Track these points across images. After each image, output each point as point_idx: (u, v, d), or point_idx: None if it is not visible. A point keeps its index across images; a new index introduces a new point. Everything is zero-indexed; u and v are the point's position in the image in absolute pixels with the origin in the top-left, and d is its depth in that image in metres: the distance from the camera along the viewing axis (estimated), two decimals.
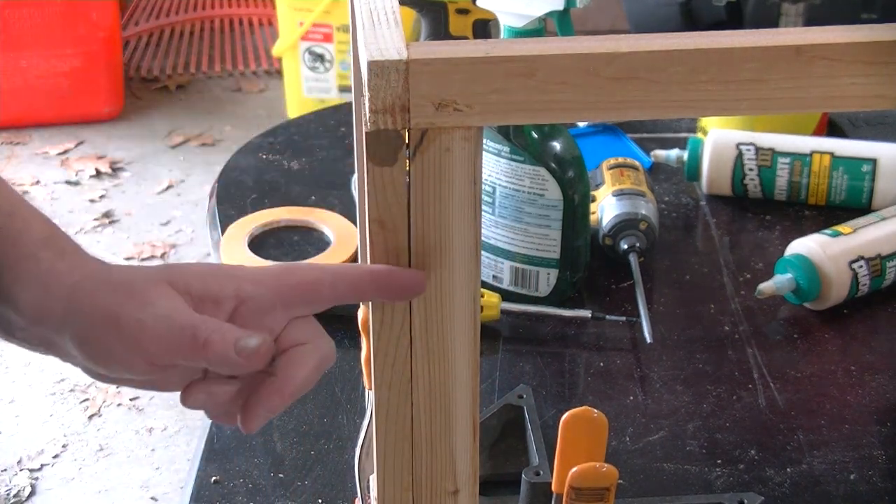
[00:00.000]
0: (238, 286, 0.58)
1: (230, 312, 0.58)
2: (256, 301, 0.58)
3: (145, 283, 0.57)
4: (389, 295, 0.55)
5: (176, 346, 0.56)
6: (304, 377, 0.59)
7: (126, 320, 0.56)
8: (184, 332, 0.56)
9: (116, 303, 0.56)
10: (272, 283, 0.59)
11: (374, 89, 0.52)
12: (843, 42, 0.53)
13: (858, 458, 0.93)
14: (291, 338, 0.59)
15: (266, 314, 0.58)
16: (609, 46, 0.53)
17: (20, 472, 2.06)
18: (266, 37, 3.58)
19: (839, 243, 1.10)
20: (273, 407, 0.58)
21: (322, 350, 0.60)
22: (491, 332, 1.07)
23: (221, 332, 0.56)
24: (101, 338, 0.57)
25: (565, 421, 0.68)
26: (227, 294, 0.58)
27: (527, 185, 1.05)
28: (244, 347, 0.56)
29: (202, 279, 0.58)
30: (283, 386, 0.58)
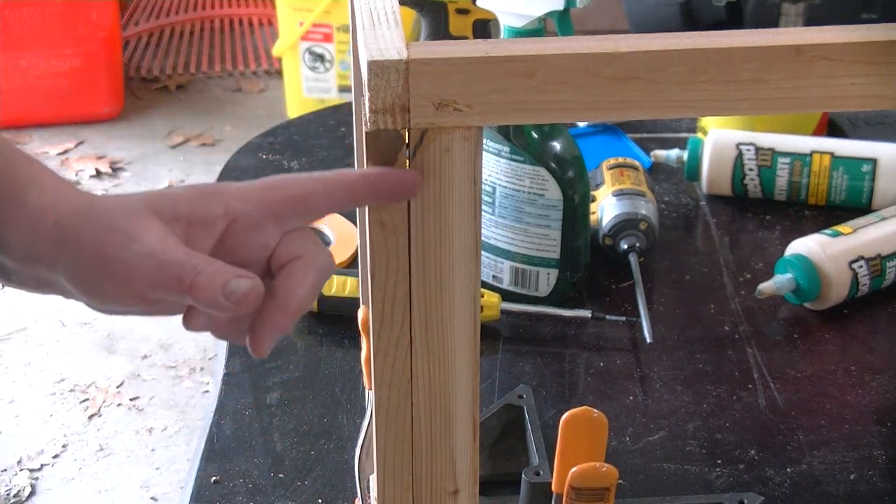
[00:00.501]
0: (227, 205, 0.57)
1: (221, 233, 0.57)
2: (247, 218, 0.57)
3: (130, 216, 0.56)
4: (384, 196, 0.54)
5: (163, 285, 0.55)
6: (304, 293, 0.57)
7: (111, 259, 0.55)
8: (170, 271, 0.55)
9: (101, 240, 0.55)
10: (261, 197, 0.57)
11: (374, 89, 0.52)
12: (843, 42, 0.53)
13: (858, 458, 0.93)
14: (287, 252, 0.58)
15: (258, 230, 0.57)
16: (609, 46, 0.53)
17: (20, 472, 2.05)
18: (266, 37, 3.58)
19: (839, 243, 1.10)
20: (279, 327, 0.57)
21: (319, 262, 0.58)
22: (491, 332, 1.07)
23: (209, 273, 0.54)
24: (90, 275, 0.56)
25: (565, 421, 0.68)
26: (216, 214, 0.57)
27: (527, 185, 1.05)
28: (233, 292, 0.54)
29: (189, 203, 0.57)
30: (286, 304, 0.57)
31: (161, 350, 2.34)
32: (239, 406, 0.99)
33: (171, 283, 0.55)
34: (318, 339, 1.07)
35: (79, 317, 2.43)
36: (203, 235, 0.57)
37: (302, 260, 0.58)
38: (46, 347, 2.36)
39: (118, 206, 0.57)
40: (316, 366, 1.03)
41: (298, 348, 1.06)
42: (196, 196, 0.57)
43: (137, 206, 0.56)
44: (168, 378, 2.27)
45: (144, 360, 2.32)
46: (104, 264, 0.55)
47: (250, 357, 1.04)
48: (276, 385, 1.01)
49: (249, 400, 0.99)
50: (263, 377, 1.02)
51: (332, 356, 1.05)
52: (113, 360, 2.32)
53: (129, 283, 0.55)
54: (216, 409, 0.98)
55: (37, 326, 2.42)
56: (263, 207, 0.57)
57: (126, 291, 0.56)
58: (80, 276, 0.56)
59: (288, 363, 1.04)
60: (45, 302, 2.47)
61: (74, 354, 2.34)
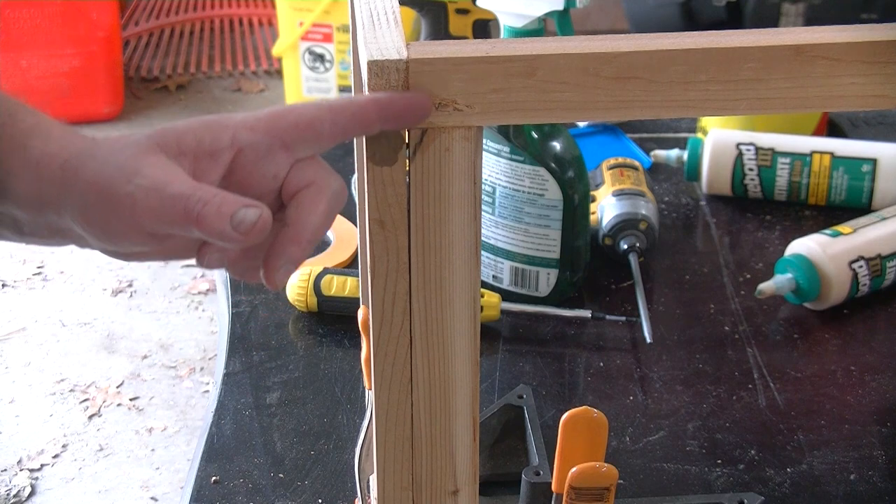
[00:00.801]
0: (233, 135, 0.56)
1: (228, 163, 0.56)
2: (254, 147, 0.56)
3: (134, 152, 0.55)
4: (395, 121, 0.53)
5: (169, 218, 0.54)
6: (317, 221, 0.56)
7: (117, 195, 0.54)
8: (175, 204, 0.54)
9: (106, 177, 0.55)
10: (268, 126, 0.56)
11: (374, 89, 0.52)
12: (843, 42, 0.53)
13: (858, 458, 0.93)
14: (298, 180, 0.57)
15: (266, 159, 0.56)
16: (609, 46, 0.53)
17: (20, 472, 2.05)
18: (266, 37, 3.58)
19: (839, 243, 1.10)
20: (293, 257, 0.56)
21: (331, 188, 0.57)
22: (491, 332, 1.07)
23: (215, 203, 0.53)
24: (98, 214, 0.55)
25: (565, 421, 0.68)
26: (223, 145, 0.56)
27: (527, 185, 1.05)
28: (241, 221, 0.53)
29: (194, 135, 0.56)
30: (299, 234, 0.56)
31: (161, 350, 2.34)
32: (239, 406, 0.99)
33: (178, 217, 0.54)
34: (318, 339, 1.07)
35: (79, 317, 2.43)
36: (210, 167, 0.56)
37: (313, 187, 0.57)
38: (46, 347, 2.36)
39: (122, 143, 0.56)
40: (316, 366, 1.03)
41: (298, 348, 1.06)
42: (201, 128, 0.56)
43: (141, 142, 0.56)
44: (168, 378, 2.27)
45: (144, 360, 2.32)
46: (109, 201, 0.54)
47: (250, 357, 1.04)
48: (276, 385, 1.01)
49: (249, 400, 0.99)
50: (263, 377, 1.02)
51: (332, 356, 1.05)
52: (113, 360, 2.32)
53: (135, 218, 0.54)
54: (216, 409, 0.98)
55: (37, 326, 2.42)
56: (271, 136, 0.56)
57: (133, 227, 0.55)
58: (88, 216, 0.55)
59: (288, 363, 1.04)
60: (45, 302, 2.47)
61: (74, 354, 2.34)
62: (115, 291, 2.50)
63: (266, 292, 1.12)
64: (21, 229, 0.58)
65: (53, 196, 0.56)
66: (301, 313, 1.10)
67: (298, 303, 1.09)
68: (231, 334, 1.07)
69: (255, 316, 1.10)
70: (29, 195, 0.56)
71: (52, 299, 2.49)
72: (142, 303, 2.46)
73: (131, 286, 2.52)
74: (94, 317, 2.43)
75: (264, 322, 1.09)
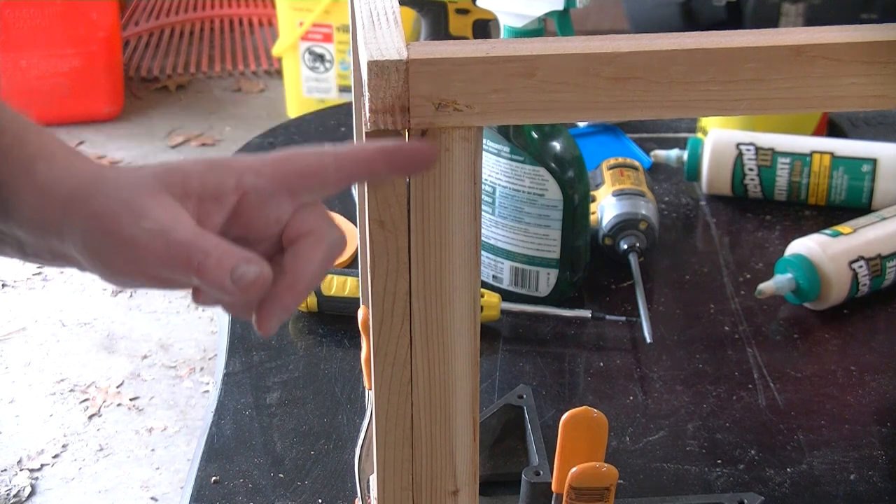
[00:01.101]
0: (238, 179, 0.56)
1: (233, 206, 0.56)
2: (259, 192, 0.56)
3: (140, 191, 0.55)
4: (400, 169, 0.54)
5: (171, 264, 0.54)
6: (313, 271, 0.56)
7: (121, 235, 0.54)
8: (178, 251, 0.54)
9: (111, 213, 0.55)
10: (273, 171, 0.56)
11: (374, 89, 0.52)
12: (843, 42, 0.53)
13: (858, 458, 0.93)
14: (299, 227, 0.57)
15: (270, 204, 0.56)
16: (609, 46, 0.53)
17: (20, 472, 2.05)
18: (266, 37, 3.58)
19: (839, 243, 1.10)
20: (287, 306, 0.56)
21: (329, 239, 0.57)
22: (491, 332, 1.07)
23: (217, 256, 0.54)
24: (101, 249, 0.55)
25: (565, 421, 0.68)
26: (228, 188, 0.56)
27: (527, 185, 1.05)
28: (241, 277, 0.54)
29: (200, 177, 0.56)
30: (295, 283, 0.56)
31: (161, 350, 2.34)
32: (239, 406, 0.99)
33: (179, 264, 0.54)
34: (318, 339, 1.07)
35: (79, 317, 2.43)
36: (215, 210, 0.56)
37: (312, 237, 0.57)
38: (46, 347, 2.36)
39: (129, 178, 0.56)
40: (316, 366, 1.03)
41: (298, 348, 1.06)
42: (207, 170, 0.57)
43: (148, 180, 0.56)
44: (168, 378, 2.27)
45: (144, 360, 2.32)
46: (113, 239, 0.55)
47: (250, 357, 1.04)
48: (276, 385, 1.01)
49: (249, 400, 0.99)
50: (263, 377, 1.02)
51: (332, 356, 1.05)
52: (113, 360, 2.32)
53: (138, 260, 0.54)
54: (216, 409, 0.98)
55: (37, 326, 2.42)
56: (276, 181, 0.56)
57: (135, 267, 0.55)
58: (90, 249, 0.56)
59: (288, 363, 1.04)
60: (45, 302, 2.47)
61: (74, 354, 2.34)
62: (115, 291, 2.50)
63: None
64: (24, 250, 0.58)
65: (57, 223, 0.56)
66: (301, 313, 1.10)
67: None
68: (231, 334, 1.07)
69: None
70: (33, 218, 0.56)
71: (52, 299, 2.49)
72: (142, 303, 2.46)
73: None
74: (94, 317, 2.43)
75: None
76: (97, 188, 0.56)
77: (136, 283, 0.57)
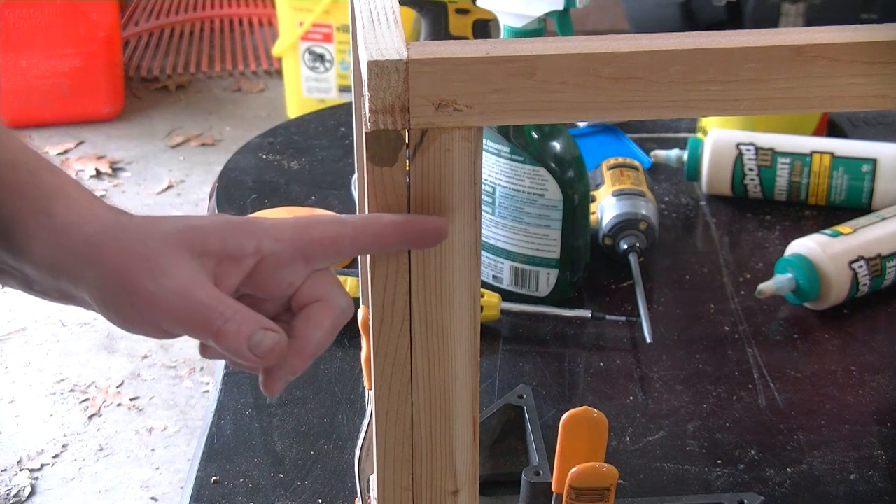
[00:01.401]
0: (258, 243, 0.57)
1: (250, 269, 0.57)
2: (277, 257, 0.57)
3: (160, 246, 0.56)
4: (413, 243, 0.55)
5: (188, 325, 0.55)
6: (322, 337, 0.58)
7: (138, 289, 0.55)
8: (197, 313, 0.55)
9: (128, 266, 0.55)
10: (292, 237, 0.57)
11: (374, 89, 0.52)
12: (843, 42, 0.53)
13: (858, 458, 0.93)
14: (311, 292, 0.58)
15: (286, 269, 0.57)
16: (609, 46, 0.53)
17: (20, 472, 2.06)
18: (266, 37, 3.58)
19: (839, 243, 1.10)
20: (294, 370, 0.57)
21: (338, 307, 0.59)
22: (491, 332, 1.07)
23: (236, 321, 0.55)
24: (116, 300, 0.56)
25: (565, 421, 0.68)
26: (247, 251, 0.57)
27: (527, 185, 1.05)
28: (258, 345, 0.55)
29: (220, 238, 0.57)
30: (303, 348, 0.57)
31: (161, 350, 2.34)
32: (239, 406, 0.99)
33: (197, 326, 0.55)
34: None
35: (79, 317, 2.43)
36: (232, 271, 0.57)
37: (322, 303, 0.58)
38: (46, 347, 2.36)
39: (149, 231, 0.56)
40: (316, 366, 1.03)
41: None
42: (228, 231, 0.57)
43: (169, 236, 0.56)
44: (168, 378, 2.27)
45: (144, 360, 2.32)
46: (130, 292, 0.55)
47: None
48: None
49: (249, 400, 0.99)
50: None
51: (332, 356, 1.05)
52: (113, 360, 2.32)
53: (153, 315, 0.55)
54: (216, 409, 0.98)
55: (37, 326, 2.42)
56: (294, 248, 0.57)
57: (149, 322, 0.56)
58: (104, 298, 0.56)
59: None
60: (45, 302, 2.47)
61: (74, 354, 2.34)
62: None
63: None
64: (31, 286, 0.59)
65: (71, 268, 0.56)
66: None
67: None
68: None
69: None
70: (46, 261, 0.56)
71: None
72: None
73: None
74: (94, 317, 2.43)
75: None
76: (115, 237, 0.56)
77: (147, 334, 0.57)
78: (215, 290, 0.56)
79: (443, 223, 0.55)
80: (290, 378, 0.58)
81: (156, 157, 3.10)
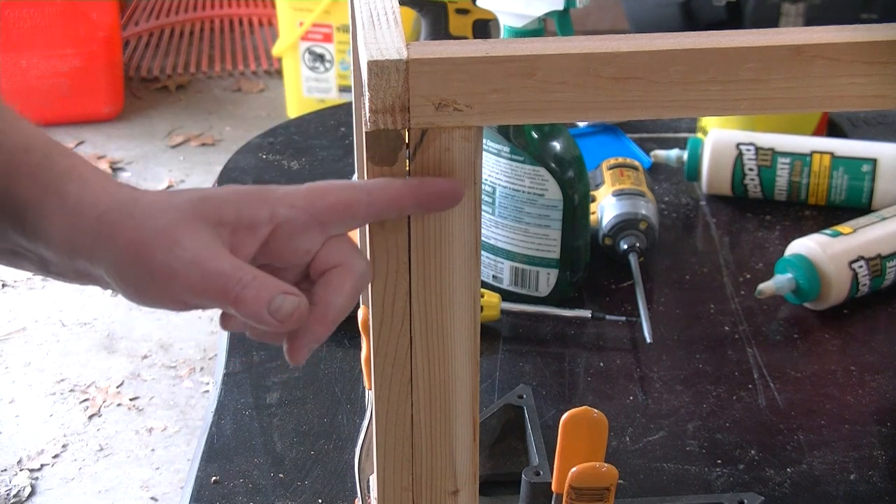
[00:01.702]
0: (272, 210, 0.57)
1: (265, 237, 0.57)
2: (291, 223, 0.57)
3: (174, 218, 0.55)
4: (429, 206, 0.55)
5: (206, 294, 0.55)
6: (343, 302, 0.57)
7: (154, 263, 0.55)
8: (215, 282, 0.54)
9: (144, 241, 0.55)
10: (307, 204, 0.57)
11: (374, 89, 0.52)
12: (843, 42, 0.53)
13: (858, 458, 0.93)
14: (328, 258, 0.58)
15: (302, 235, 0.57)
16: (609, 46, 0.53)
17: (20, 472, 2.05)
18: (266, 37, 3.58)
19: (839, 243, 1.10)
20: (317, 336, 0.57)
21: (358, 270, 0.58)
22: (491, 332, 1.07)
23: (255, 287, 0.54)
24: (133, 275, 0.55)
25: (565, 421, 0.68)
26: (262, 219, 0.57)
27: (527, 185, 1.05)
28: (278, 309, 0.54)
29: (235, 207, 0.57)
30: (325, 314, 0.57)
31: (161, 350, 2.34)
32: (239, 406, 0.99)
33: (216, 294, 0.55)
34: None
35: (79, 317, 2.43)
36: (248, 239, 0.57)
37: (341, 268, 0.58)
38: (46, 347, 2.36)
39: (163, 206, 0.56)
40: (316, 366, 1.03)
41: None
42: (242, 200, 0.57)
43: (183, 209, 0.56)
44: (168, 378, 2.27)
45: (144, 360, 2.32)
46: (146, 266, 0.55)
47: (250, 357, 1.04)
48: (276, 385, 1.01)
49: (249, 400, 0.99)
50: (263, 377, 1.02)
51: (332, 356, 1.05)
52: (113, 360, 2.32)
53: (172, 288, 0.55)
54: (216, 409, 0.98)
55: (37, 326, 2.42)
56: (309, 214, 0.57)
57: (167, 295, 0.55)
58: (122, 274, 0.56)
59: (288, 363, 1.03)
60: (45, 302, 2.47)
61: (74, 354, 2.34)
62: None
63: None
64: (48, 268, 0.58)
65: (87, 246, 0.56)
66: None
67: None
68: (231, 334, 1.07)
69: None
70: (62, 241, 0.56)
71: (52, 299, 2.49)
72: None
73: None
74: (94, 317, 2.43)
75: None
76: (129, 213, 0.56)
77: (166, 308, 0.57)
78: (232, 258, 0.56)
79: (457, 184, 0.55)
80: (315, 345, 0.57)
81: (156, 157, 3.10)
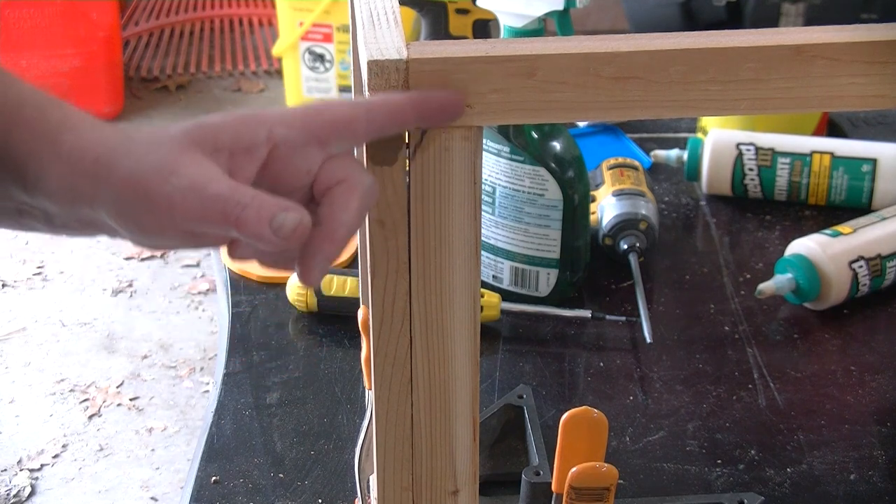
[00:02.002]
0: (269, 130, 0.56)
1: (264, 158, 0.56)
2: (289, 143, 0.56)
3: (170, 149, 0.55)
4: (430, 119, 0.54)
5: (207, 219, 0.54)
6: (350, 218, 0.56)
7: (154, 195, 0.54)
8: (214, 205, 0.54)
9: (141, 176, 0.54)
10: (304, 122, 0.56)
11: (375, 89, 0.52)
12: (843, 42, 0.53)
13: (858, 458, 0.93)
14: (330, 176, 0.57)
15: (301, 155, 0.56)
16: (609, 46, 0.53)
17: (20, 472, 2.05)
18: (266, 37, 3.58)
19: (839, 243, 1.10)
20: (329, 255, 0.56)
21: (363, 184, 0.56)
22: (491, 332, 1.07)
23: (255, 206, 0.53)
24: (133, 212, 0.55)
25: (565, 421, 0.68)
26: (259, 140, 0.56)
27: (527, 185, 1.05)
28: (281, 226, 0.53)
29: (231, 130, 0.56)
30: (333, 231, 0.56)
31: (161, 350, 2.34)
32: (239, 406, 0.99)
33: (216, 218, 0.54)
34: (318, 339, 1.07)
35: (79, 317, 2.43)
36: (246, 163, 0.56)
37: (345, 184, 0.56)
38: (46, 347, 2.36)
39: (158, 139, 0.56)
40: (316, 366, 1.03)
41: (298, 348, 1.06)
42: (238, 123, 0.57)
43: (177, 137, 0.56)
44: (168, 378, 2.27)
45: (144, 360, 2.32)
46: (145, 200, 0.54)
47: (250, 357, 1.04)
48: (276, 385, 1.01)
49: (249, 400, 0.99)
50: (263, 377, 1.02)
51: (332, 356, 1.05)
52: (113, 360, 2.32)
53: (172, 217, 0.54)
54: (216, 409, 0.98)
55: (37, 326, 2.42)
56: (306, 132, 0.56)
57: (169, 225, 0.55)
58: (122, 213, 0.55)
59: (288, 363, 1.04)
60: (45, 302, 2.47)
61: (74, 354, 2.34)
62: (115, 291, 2.50)
63: (266, 292, 1.12)
64: (52, 222, 0.58)
65: (87, 191, 0.56)
66: (301, 313, 1.10)
67: (298, 303, 1.09)
68: (231, 334, 1.07)
69: (255, 316, 1.10)
70: (61, 189, 0.56)
71: (52, 299, 2.49)
72: (142, 303, 2.46)
73: (131, 286, 2.52)
74: (94, 317, 2.43)
75: (264, 322, 1.09)
76: (125, 152, 0.56)
77: (171, 242, 0.57)
78: (230, 181, 0.55)
79: (459, 96, 0.54)
80: (327, 266, 0.56)
81: None
